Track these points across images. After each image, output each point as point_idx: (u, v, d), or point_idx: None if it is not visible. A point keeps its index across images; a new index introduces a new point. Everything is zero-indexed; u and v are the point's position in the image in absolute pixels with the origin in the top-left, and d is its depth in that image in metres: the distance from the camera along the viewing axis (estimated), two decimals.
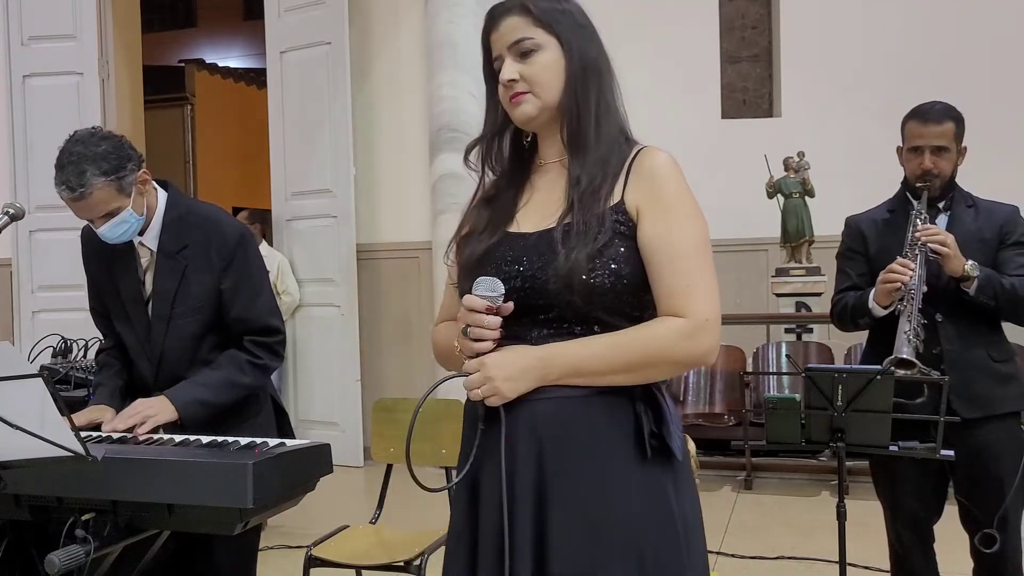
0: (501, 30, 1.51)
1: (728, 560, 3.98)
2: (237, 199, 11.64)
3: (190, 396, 2.21)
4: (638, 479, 1.41)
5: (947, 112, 2.55)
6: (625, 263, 1.41)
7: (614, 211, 1.44)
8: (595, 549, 1.38)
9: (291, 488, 1.90)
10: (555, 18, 1.49)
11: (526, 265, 1.43)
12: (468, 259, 1.51)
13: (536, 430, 1.41)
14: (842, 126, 7.04)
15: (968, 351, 2.49)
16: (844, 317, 2.66)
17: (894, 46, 7.13)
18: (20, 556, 2.12)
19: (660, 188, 1.46)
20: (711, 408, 5.65)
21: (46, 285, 6.17)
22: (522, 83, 1.48)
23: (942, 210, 2.60)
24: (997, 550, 2.45)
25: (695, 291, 1.41)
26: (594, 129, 1.49)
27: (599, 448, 1.41)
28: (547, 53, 1.49)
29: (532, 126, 1.54)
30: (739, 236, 7.23)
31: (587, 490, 1.39)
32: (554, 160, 1.55)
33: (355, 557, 2.83)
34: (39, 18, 6.28)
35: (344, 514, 3.42)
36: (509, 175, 1.59)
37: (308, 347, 6.20)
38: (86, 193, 2.12)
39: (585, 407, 1.41)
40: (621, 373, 1.40)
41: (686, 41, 7.61)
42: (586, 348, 1.40)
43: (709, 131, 7.60)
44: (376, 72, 6.45)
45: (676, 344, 1.40)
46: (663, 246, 1.42)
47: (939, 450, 2.37)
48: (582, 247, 1.39)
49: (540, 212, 1.51)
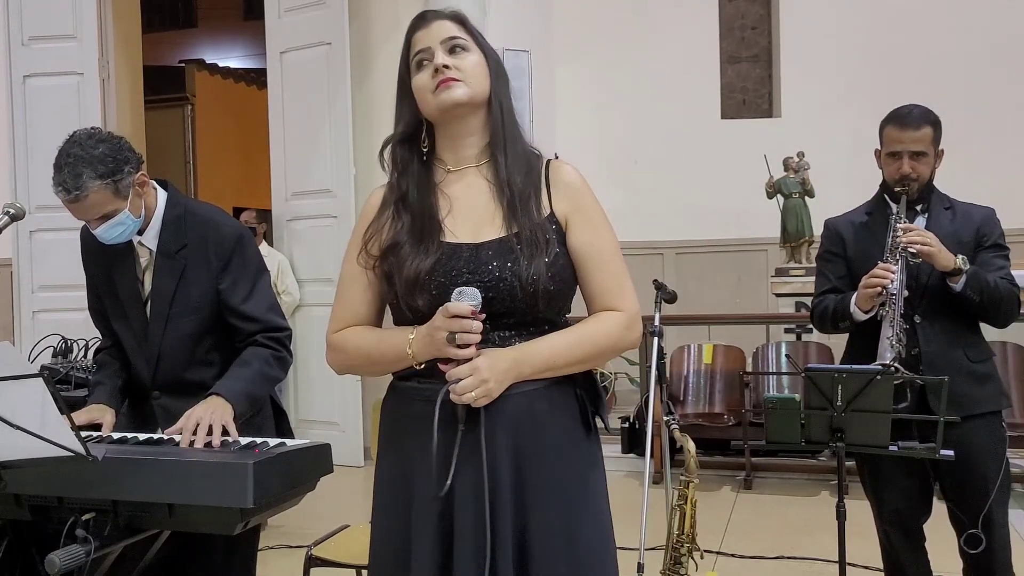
0: (433, 28, 1.64)
1: (728, 560, 3.99)
2: (237, 199, 11.63)
3: (240, 392, 2.18)
4: (584, 451, 1.65)
5: (925, 116, 2.57)
6: (567, 267, 1.61)
7: (549, 221, 1.61)
8: (568, 513, 1.58)
9: (291, 488, 1.90)
10: (480, 38, 1.66)
11: (485, 275, 1.55)
12: (415, 273, 1.57)
13: (513, 421, 1.56)
14: (842, 126, 7.05)
15: (947, 352, 2.52)
16: (824, 320, 2.68)
17: (894, 46, 7.13)
18: (20, 556, 2.12)
19: (580, 199, 1.65)
20: (711, 408, 5.65)
21: (46, 285, 6.16)
22: (455, 71, 1.60)
23: (920, 212, 2.62)
24: (984, 548, 2.48)
25: (623, 289, 1.64)
26: (514, 133, 1.65)
27: (558, 429, 1.61)
28: (475, 55, 1.64)
29: (455, 113, 1.62)
30: (739, 236, 7.24)
31: (551, 464, 1.58)
32: (467, 165, 1.66)
33: (355, 557, 2.83)
34: (39, 18, 6.28)
35: (344, 514, 3.42)
36: (412, 183, 1.67)
37: (308, 347, 6.20)
38: (82, 196, 2.12)
39: (547, 397, 1.60)
40: (578, 364, 1.61)
41: (686, 41, 7.61)
42: (551, 347, 1.58)
43: (709, 131, 7.61)
44: (376, 72, 6.44)
45: (621, 336, 1.63)
46: (593, 252, 1.62)
47: (939, 450, 2.38)
48: (539, 257, 1.55)
49: (471, 219, 1.61)
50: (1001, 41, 6.97)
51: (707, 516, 1.56)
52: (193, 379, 2.29)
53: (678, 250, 8.02)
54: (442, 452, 1.52)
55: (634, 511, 3.01)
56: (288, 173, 6.30)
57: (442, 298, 1.53)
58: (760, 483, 5.37)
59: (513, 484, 1.56)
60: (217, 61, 14.74)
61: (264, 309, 2.35)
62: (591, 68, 7.83)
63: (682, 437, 2.88)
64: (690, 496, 2.82)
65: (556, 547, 1.56)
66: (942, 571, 2.70)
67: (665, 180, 7.84)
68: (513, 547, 1.54)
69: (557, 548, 1.56)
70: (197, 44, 16.19)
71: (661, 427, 3.27)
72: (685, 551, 2.81)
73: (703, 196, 7.69)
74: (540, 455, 1.58)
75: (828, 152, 6.79)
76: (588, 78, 7.82)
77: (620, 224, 1.83)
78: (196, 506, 1.76)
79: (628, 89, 7.79)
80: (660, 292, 3.28)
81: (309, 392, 6.23)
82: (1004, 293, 2.50)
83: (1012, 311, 2.55)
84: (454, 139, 1.66)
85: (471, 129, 1.65)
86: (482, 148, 1.66)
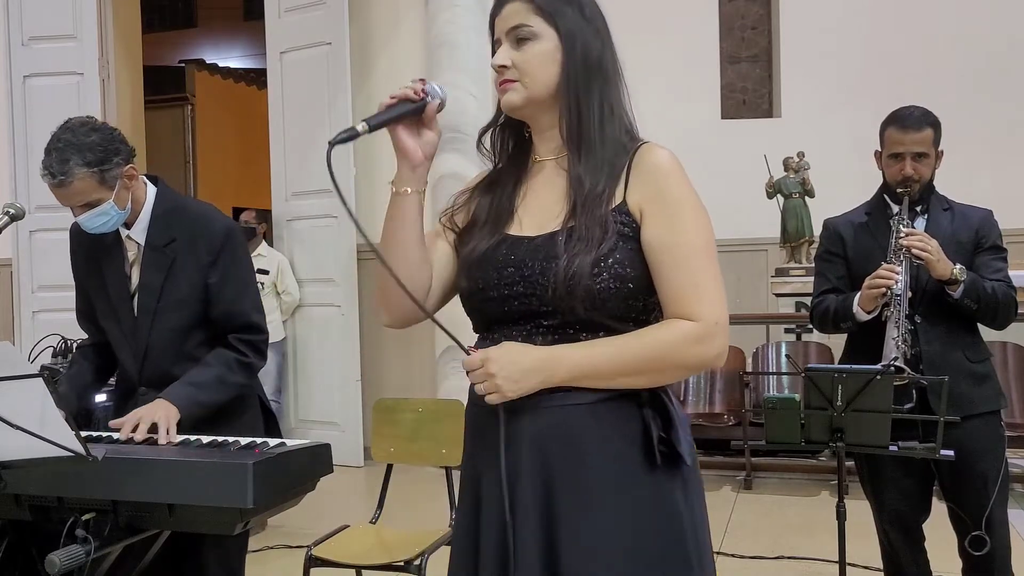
0: (503, 14, 1.47)
1: (728, 560, 3.98)
2: (237, 199, 11.63)
3: (187, 397, 2.19)
4: (647, 489, 1.37)
5: (925, 118, 2.58)
6: (630, 266, 1.37)
7: (617, 212, 1.39)
8: (606, 564, 1.33)
9: (291, 488, 1.90)
10: (558, 9, 1.44)
11: (528, 270, 1.39)
12: (468, 257, 1.47)
13: (541, 441, 1.37)
14: (842, 126, 7.04)
15: (947, 353, 2.53)
16: (825, 321, 2.68)
17: (894, 46, 7.13)
18: (20, 556, 2.12)
19: (663, 187, 1.40)
20: (711, 408, 5.65)
21: (46, 285, 6.16)
22: (512, 70, 1.44)
23: (920, 213, 2.63)
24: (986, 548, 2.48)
25: (703, 294, 1.37)
26: (597, 130, 1.44)
27: (607, 458, 1.36)
28: (543, 43, 1.43)
29: (519, 115, 1.49)
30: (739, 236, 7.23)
31: (597, 504, 1.35)
32: (549, 157, 1.50)
33: (355, 557, 2.83)
34: (39, 18, 6.28)
35: (344, 514, 3.42)
36: (507, 167, 1.55)
37: (308, 347, 6.20)
38: (66, 181, 2.13)
39: (592, 416, 1.36)
40: (629, 376, 1.36)
41: (686, 41, 7.61)
42: (593, 349, 1.35)
43: (709, 131, 7.61)
44: (376, 72, 6.44)
45: (686, 348, 1.36)
46: (669, 248, 1.37)
47: (939, 450, 2.39)
48: (586, 253, 1.35)
49: (540, 213, 1.46)
50: (1001, 41, 6.97)
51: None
52: (179, 375, 2.27)
53: None
54: (485, 442, 1.41)
55: None
56: (288, 173, 6.30)
57: (484, 288, 1.42)
58: (760, 483, 5.37)
59: (542, 510, 1.35)
60: (217, 61, 14.75)
61: (248, 307, 2.34)
62: None
63: None
64: None
65: None
66: (942, 571, 2.70)
67: None
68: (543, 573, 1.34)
69: None
70: (197, 44, 16.18)
71: None
72: None
73: (703, 196, 7.63)
74: (580, 488, 1.35)
75: (828, 152, 6.78)
76: None
77: None
78: (196, 506, 1.76)
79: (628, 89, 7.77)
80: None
81: (309, 392, 6.23)
82: (1001, 299, 2.51)
83: (1009, 315, 2.57)
84: (537, 132, 1.52)
85: (547, 124, 1.48)
86: (563, 140, 1.48)
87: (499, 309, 1.42)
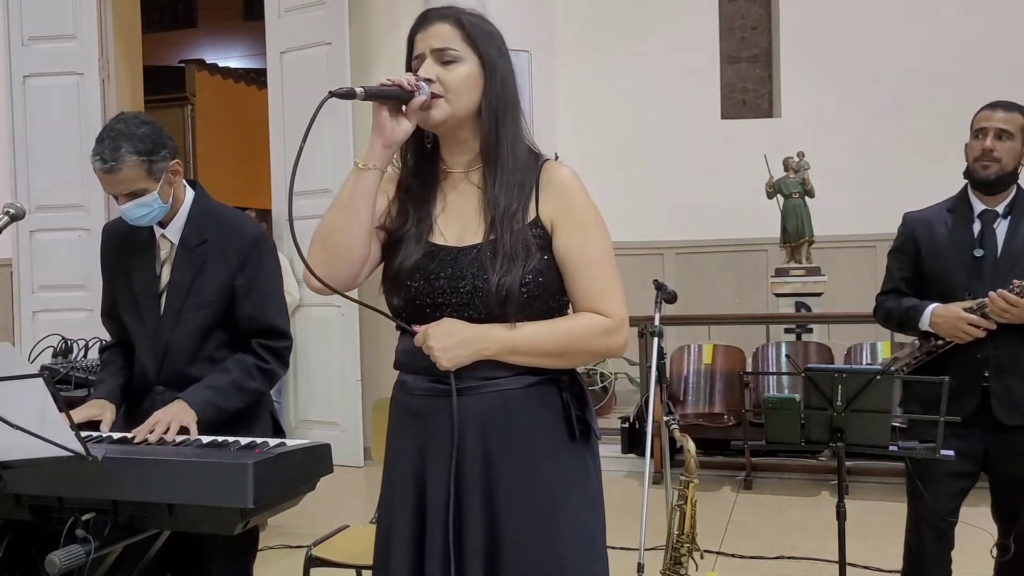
0: (430, 32, 1.60)
1: (728, 560, 3.99)
2: (237, 199, 11.61)
3: (205, 400, 2.22)
4: (568, 454, 1.61)
5: (1016, 105, 2.58)
6: (547, 274, 1.57)
7: (532, 226, 1.58)
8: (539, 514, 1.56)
9: (291, 488, 1.91)
10: (484, 39, 1.61)
11: (461, 283, 1.56)
12: (398, 270, 1.61)
13: (483, 418, 1.56)
14: (842, 126, 7.06)
15: (1014, 359, 2.48)
16: (889, 323, 2.71)
17: (894, 46, 7.13)
18: (20, 556, 2.12)
19: (569, 202, 1.61)
20: (711, 408, 5.65)
21: (46, 285, 6.15)
22: (437, 86, 1.57)
23: (1002, 215, 2.56)
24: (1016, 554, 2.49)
25: (610, 294, 1.60)
26: (509, 152, 1.61)
27: (537, 431, 1.58)
28: (468, 67, 1.59)
29: (436, 129, 1.62)
30: (739, 236, 7.24)
31: (531, 471, 1.57)
32: (460, 170, 1.65)
33: (355, 557, 2.83)
34: (39, 18, 6.28)
35: (344, 514, 3.43)
36: (416, 173, 1.68)
37: (308, 347, 6.20)
38: (116, 167, 2.19)
39: (524, 397, 1.58)
40: (549, 357, 1.58)
41: (686, 41, 7.61)
42: (520, 331, 1.55)
43: (709, 131, 7.61)
44: (376, 72, 6.44)
45: (598, 338, 1.59)
46: (579, 255, 1.59)
47: (939, 450, 2.38)
48: (514, 269, 1.53)
49: (459, 224, 1.62)
50: (1001, 40, 6.97)
51: (707, 516, 1.54)
52: (196, 375, 2.30)
53: (678, 250, 8.02)
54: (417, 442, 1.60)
55: (634, 511, 3.02)
56: (288, 173, 6.29)
57: (417, 298, 1.58)
58: (760, 483, 5.37)
59: (483, 490, 1.55)
60: (217, 61, 14.74)
61: (272, 312, 2.37)
62: (591, 68, 7.82)
63: (682, 437, 2.88)
64: (690, 496, 2.82)
65: (530, 563, 1.54)
66: (963, 574, 2.68)
67: (665, 180, 7.84)
68: (483, 559, 1.53)
69: (531, 564, 1.54)
70: (197, 44, 16.18)
71: (661, 427, 3.27)
72: (685, 551, 2.81)
73: (703, 196, 7.70)
74: (514, 460, 1.56)
75: (828, 152, 6.79)
76: (588, 78, 7.82)
77: (620, 224, 1.83)
78: (196, 506, 1.77)
79: (628, 89, 7.79)
80: (660, 292, 3.28)
81: (309, 392, 6.23)
82: None
83: None
84: (449, 145, 1.66)
85: (462, 138, 1.64)
86: (476, 154, 1.64)
87: (432, 316, 1.57)
